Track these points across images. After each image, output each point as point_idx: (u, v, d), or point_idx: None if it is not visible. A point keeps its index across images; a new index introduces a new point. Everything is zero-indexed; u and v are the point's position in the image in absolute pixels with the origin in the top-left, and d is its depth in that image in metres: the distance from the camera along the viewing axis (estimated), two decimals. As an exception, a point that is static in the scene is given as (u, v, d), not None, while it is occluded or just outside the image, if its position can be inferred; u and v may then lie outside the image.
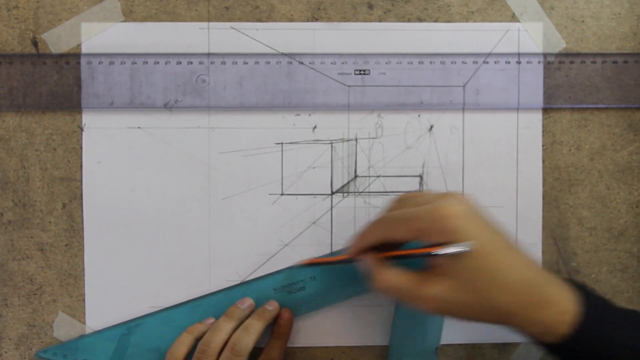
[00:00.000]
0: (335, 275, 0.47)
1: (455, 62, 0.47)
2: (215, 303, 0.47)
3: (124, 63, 0.47)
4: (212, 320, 0.46)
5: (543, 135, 0.48)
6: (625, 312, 0.39)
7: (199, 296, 0.47)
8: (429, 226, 0.38)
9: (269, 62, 0.47)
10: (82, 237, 0.47)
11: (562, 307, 0.37)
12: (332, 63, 0.47)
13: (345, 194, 0.48)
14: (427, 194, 0.42)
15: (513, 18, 0.48)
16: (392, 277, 0.40)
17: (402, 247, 0.41)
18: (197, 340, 0.45)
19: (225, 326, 0.44)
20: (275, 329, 0.46)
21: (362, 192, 0.48)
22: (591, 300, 0.38)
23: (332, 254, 0.48)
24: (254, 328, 0.44)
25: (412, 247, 0.40)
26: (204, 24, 0.47)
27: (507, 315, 0.38)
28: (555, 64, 0.48)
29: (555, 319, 0.37)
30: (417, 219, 0.38)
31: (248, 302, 0.46)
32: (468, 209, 0.38)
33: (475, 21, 0.48)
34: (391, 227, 0.40)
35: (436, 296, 0.38)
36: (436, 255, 0.37)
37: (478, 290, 0.37)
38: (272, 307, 0.46)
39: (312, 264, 0.47)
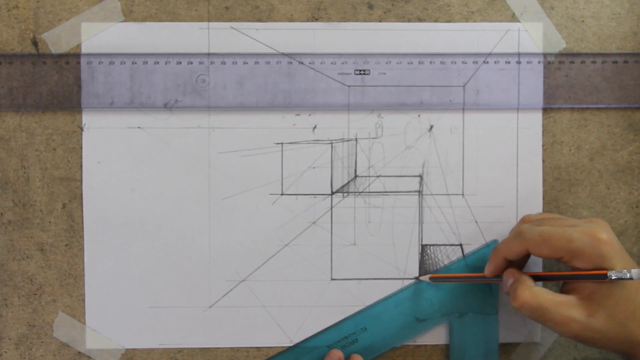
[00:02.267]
0: (385, 324, 0.47)
1: (455, 62, 0.47)
2: None
3: (124, 63, 0.47)
4: None
5: (543, 135, 0.48)
6: None
7: None
8: (582, 249, 0.38)
9: (269, 62, 0.47)
10: (82, 237, 0.47)
11: None
12: (332, 63, 0.47)
13: (345, 194, 0.48)
14: (566, 217, 0.42)
15: (513, 18, 0.48)
16: (534, 295, 0.39)
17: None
18: None
19: None
20: None
21: (362, 192, 0.48)
22: None
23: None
24: None
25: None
26: (204, 24, 0.47)
27: (638, 347, 0.38)
28: (555, 64, 0.48)
29: None
30: (569, 240, 0.38)
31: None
32: (615, 238, 0.39)
33: (475, 21, 0.48)
34: (534, 243, 0.40)
35: (579, 320, 0.38)
36: (609, 278, 0.38)
37: (621, 320, 0.38)
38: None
39: (443, 278, 0.47)
